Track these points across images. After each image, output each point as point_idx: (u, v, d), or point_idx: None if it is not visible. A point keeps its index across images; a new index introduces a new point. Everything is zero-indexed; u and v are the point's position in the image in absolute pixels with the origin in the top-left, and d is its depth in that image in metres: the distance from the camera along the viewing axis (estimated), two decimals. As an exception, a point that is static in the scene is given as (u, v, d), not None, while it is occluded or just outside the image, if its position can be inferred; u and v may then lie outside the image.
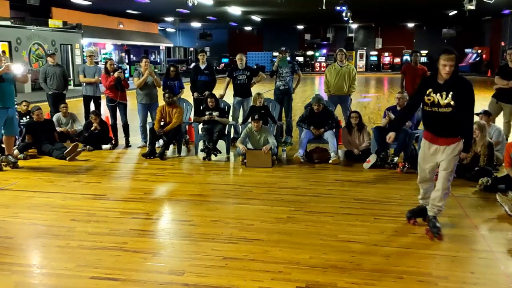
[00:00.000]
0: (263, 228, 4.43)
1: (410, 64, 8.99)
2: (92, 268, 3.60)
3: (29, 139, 7.60)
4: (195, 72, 8.59)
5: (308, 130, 7.24)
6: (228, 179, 6.47)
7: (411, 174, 6.39)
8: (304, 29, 38.91)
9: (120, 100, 8.21)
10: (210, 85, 8.55)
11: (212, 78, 8.60)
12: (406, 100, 7.21)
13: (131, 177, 6.63)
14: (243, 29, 39.47)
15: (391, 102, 13.85)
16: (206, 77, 8.49)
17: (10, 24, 19.22)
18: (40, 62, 20.14)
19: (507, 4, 22.17)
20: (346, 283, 3.35)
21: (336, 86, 8.25)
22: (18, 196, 5.54)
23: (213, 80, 8.61)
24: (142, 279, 3.43)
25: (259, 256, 3.82)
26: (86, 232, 4.37)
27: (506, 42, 28.65)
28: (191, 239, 4.19)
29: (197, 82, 8.47)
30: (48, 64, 9.02)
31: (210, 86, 8.55)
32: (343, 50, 8.45)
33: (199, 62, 8.61)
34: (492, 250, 3.93)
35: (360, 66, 37.35)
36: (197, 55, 8.89)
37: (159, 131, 7.52)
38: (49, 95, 9.00)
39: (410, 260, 3.73)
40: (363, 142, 7.22)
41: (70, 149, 7.34)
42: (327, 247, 3.99)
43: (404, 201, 5.25)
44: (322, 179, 6.29)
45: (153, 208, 5.13)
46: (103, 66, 8.53)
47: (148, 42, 31.85)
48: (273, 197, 5.43)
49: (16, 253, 3.96)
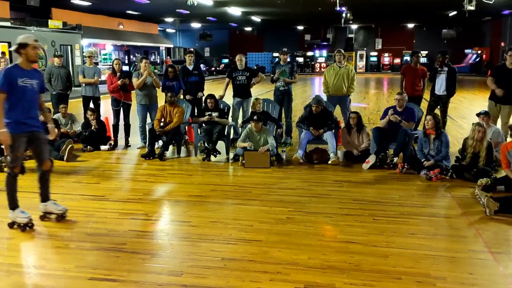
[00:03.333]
0: (262, 229, 4.43)
1: (410, 65, 8.98)
2: (90, 269, 3.60)
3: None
4: (184, 74, 8.56)
5: (307, 130, 7.24)
6: (228, 180, 6.47)
7: (411, 175, 6.40)
8: (304, 30, 38.92)
9: (125, 100, 8.25)
10: (200, 85, 8.64)
11: (202, 77, 8.76)
12: (406, 101, 7.22)
13: (130, 178, 6.63)
14: (243, 29, 39.49)
15: (390, 102, 13.84)
16: (196, 78, 8.54)
17: (10, 24, 19.22)
18: (40, 63, 20.14)
19: (507, 5, 22.18)
20: (344, 284, 3.35)
21: (335, 87, 8.26)
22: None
23: (202, 79, 8.78)
24: (141, 280, 3.43)
25: (257, 257, 3.82)
26: (85, 233, 4.37)
27: (506, 43, 28.67)
28: (190, 240, 4.20)
29: (188, 83, 8.48)
30: (54, 65, 9.08)
31: (201, 86, 8.65)
32: (341, 51, 8.46)
33: (186, 64, 8.62)
34: (491, 251, 3.93)
35: (360, 66, 37.35)
36: (185, 55, 8.90)
37: (158, 131, 7.53)
38: (53, 95, 9.09)
39: (409, 261, 3.73)
40: (362, 142, 7.22)
41: (64, 148, 7.37)
42: (326, 248, 3.99)
43: (403, 202, 5.25)
44: (321, 179, 6.29)
45: (152, 209, 5.13)
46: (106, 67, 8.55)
47: (148, 42, 31.86)
48: (272, 198, 5.43)
49: (15, 253, 3.97)
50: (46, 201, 4.71)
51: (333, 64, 8.45)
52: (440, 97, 8.23)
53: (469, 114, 11.84)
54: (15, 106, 4.29)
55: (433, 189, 5.84)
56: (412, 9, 25.66)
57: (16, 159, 4.35)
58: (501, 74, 7.44)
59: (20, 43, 4.35)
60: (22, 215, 4.44)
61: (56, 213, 4.70)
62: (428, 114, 7.00)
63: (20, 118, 4.32)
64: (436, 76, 8.23)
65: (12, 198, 4.44)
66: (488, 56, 31.86)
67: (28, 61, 4.39)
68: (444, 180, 6.12)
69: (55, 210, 4.70)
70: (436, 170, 6.14)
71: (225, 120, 7.85)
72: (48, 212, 4.71)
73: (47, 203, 4.71)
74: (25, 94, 4.34)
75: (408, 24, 36.50)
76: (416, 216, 4.79)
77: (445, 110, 8.31)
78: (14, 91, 4.26)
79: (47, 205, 4.70)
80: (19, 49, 4.35)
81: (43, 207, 4.71)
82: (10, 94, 4.25)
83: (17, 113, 4.30)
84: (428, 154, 6.44)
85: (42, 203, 4.71)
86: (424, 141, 6.53)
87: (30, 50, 4.35)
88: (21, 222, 4.42)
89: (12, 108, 4.28)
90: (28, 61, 4.39)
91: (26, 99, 4.37)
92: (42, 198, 4.70)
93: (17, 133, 4.29)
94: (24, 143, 4.39)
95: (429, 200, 5.40)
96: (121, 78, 8.08)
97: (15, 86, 4.27)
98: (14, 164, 4.35)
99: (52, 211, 4.70)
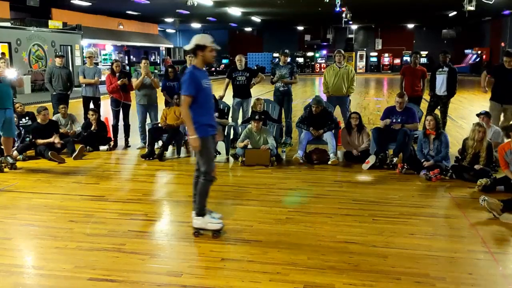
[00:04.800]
0: (261, 229, 4.43)
1: (410, 65, 8.99)
2: (90, 270, 3.60)
3: (38, 144, 7.53)
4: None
5: (307, 131, 7.24)
6: (227, 180, 6.47)
7: (410, 175, 6.40)
8: (304, 30, 38.93)
9: (125, 101, 8.25)
10: None
11: None
12: (406, 102, 7.23)
13: (129, 178, 6.63)
14: (243, 30, 39.52)
15: (390, 103, 13.84)
16: None
17: (10, 25, 19.24)
18: (40, 63, 20.15)
19: (506, 5, 22.18)
20: (344, 284, 3.35)
21: (335, 87, 8.26)
22: (16, 197, 5.54)
23: None
24: (140, 280, 3.43)
25: (257, 257, 3.81)
26: (84, 233, 4.37)
27: (506, 43, 28.67)
28: (190, 241, 4.19)
29: None
30: (55, 65, 9.08)
31: None
32: (341, 51, 8.46)
33: (186, 64, 8.62)
34: (490, 251, 3.92)
35: (360, 67, 37.34)
36: (185, 56, 8.88)
37: (165, 124, 7.61)
38: (53, 95, 9.09)
39: (408, 261, 3.73)
40: (362, 143, 7.22)
41: (77, 153, 7.41)
42: (325, 248, 3.99)
43: (403, 202, 5.25)
44: (321, 180, 6.29)
45: (151, 209, 5.13)
46: (106, 67, 8.57)
47: (148, 43, 31.88)
48: (272, 198, 5.43)
49: (15, 254, 3.97)
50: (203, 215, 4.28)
51: (333, 65, 8.46)
52: (440, 97, 8.23)
53: (469, 114, 11.84)
54: (203, 109, 4.11)
55: (432, 189, 5.84)
56: (412, 9, 25.67)
57: (211, 163, 4.17)
58: (500, 74, 7.45)
59: (199, 45, 4.09)
60: (214, 220, 4.21)
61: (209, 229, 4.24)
62: (428, 114, 7.00)
63: (208, 121, 4.15)
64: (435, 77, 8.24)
65: (203, 205, 4.20)
66: (488, 56, 31.84)
67: (205, 62, 4.17)
68: (443, 181, 6.12)
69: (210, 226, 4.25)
70: (436, 171, 6.13)
71: (225, 121, 7.85)
72: (202, 229, 4.27)
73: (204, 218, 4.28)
74: (208, 95, 4.19)
75: (408, 24, 36.52)
76: (415, 216, 4.79)
77: (445, 111, 8.31)
78: (200, 93, 4.08)
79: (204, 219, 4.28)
80: (197, 50, 4.10)
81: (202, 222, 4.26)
82: (197, 97, 4.06)
83: (205, 116, 4.11)
84: (428, 154, 6.44)
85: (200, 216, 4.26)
86: (423, 141, 6.53)
87: (208, 53, 4.11)
88: (214, 228, 4.19)
89: (200, 111, 4.09)
90: (204, 63, 4.17)
91: (209, 100, 4.22)
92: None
93: (207, 136, 4.14)
94: (213, 145, 4.25)
95: (429, 200, 5.40)
96: (120, 78, 8.08)
97: (201, 89, 4.08)
98: (211, 169, 4.16)
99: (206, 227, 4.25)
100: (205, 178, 4.17)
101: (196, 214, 4.23)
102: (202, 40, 4.10)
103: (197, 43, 4.09)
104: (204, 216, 4.23)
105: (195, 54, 4.14)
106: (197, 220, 4.23)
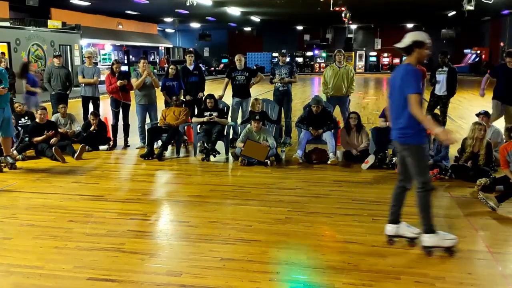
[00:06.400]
0: (261, 229, 4.43)
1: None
2: (89, 269, 3.60)
3: (35, 142, 7.52)
4: (184, 74, 8.56)
5: (307, 131, 7.24)
6: (227, 180, 6.47)
7: (410, 175, 6.39)
8: (303, 30, 38.91)
9: (124, 101, 8.25)
10: (201, 85, 8.65)
11: (202, 78, 8.74)
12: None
13: (129, 178, 6.63)
14: (242, 29, 39.47)
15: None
16: (196, 78, 8.55)
17: (9, 25, 19.21)
18: (39, 63, 20.13)
19: (506, 5, 22.18)
20: (343, 284, 3.35)
21: (334, 87, 8.25)
22: (16, 197, 5.53)
23: (202, 80, 8.77)
24: (140, 280, 3.43)
25: (257, 257, 3.81)
26: (84, 233, 4.37)
27: (505, 43, 28.68)
28: (189, 240, 4.19)
29: (188, 83, 8.49)
30: (53, 65, 9.07)
31: (201, 86, 8.65)
32: (342, 51, 8.45)
33: (186, 64, 8.62)
34: (490, 251, 3.93)
35: (359, 66, 37.32)
36: (185, 56, 8.90)
37: (164, 124, 7.63)
38: (52, 95, 9.07)
39: (408, 261, 3.73)
40: (361, 142, 7.22)
41: (79, 153, 7.41)
42: (325, 248, 3.99)
43: (402, 202, 5.24)
44: (320, 179, 6.28)
45: (151, 209, 5.12)
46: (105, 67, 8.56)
47: (147, 42, 31.85)
48: (271, 198, 5.43)
49: (14, 254, 3.96)
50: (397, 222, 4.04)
51: (332, 64, 8.45)
52: (440, 97, 8.23)
53: (469, 114, 11.84)
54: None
55: (432, 189, 5.83)
56: (411, 9, 25.66)
57: (428, 172, 3.89)
58: (502, 74, 7.45)
59: (418, 41, 3.79)
60: (448, 236, 3.84)
61: (408, 237, 4.01)
62: (428, 114, 7.00)
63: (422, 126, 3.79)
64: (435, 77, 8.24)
65: (431, 220, 3.81)
66: (487, 56, 31.85)
67: (418, 61, 3.89)
68: (443, 180, 6.12)
69: (408, 233, 4.01)
70: (435, 170, 6.13)
71: (225, 120, 7.85)
72: (397, 236, 4.04)
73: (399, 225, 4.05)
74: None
75: (407, 24, 36.46)
76: (415, 216, 4.75)
77: (445, 111, 8.32)
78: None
79: (399, 228, 4.05)
80: (415, 47, 3.80)
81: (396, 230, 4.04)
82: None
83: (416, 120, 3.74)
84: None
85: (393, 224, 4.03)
86: (423, 141, 6.52)
87: (425, 50, 3.82)
88: (452, 244, 3.79)
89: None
90: (418, 61, 3.88)
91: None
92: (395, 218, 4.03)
93: (424, 144, 3.87)
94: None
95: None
96: (119, 78, 8.07)
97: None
98: (429, 178, 3.87)
99: (405, 234, 4.02)
100: (424, 188, 3.78)
101: (425, 232, 3.83)
102: (421, 37, 3.82)
103: (415, 39, 3.81)
104: (436, 232, 3.82)
105: (411, 52, 3.84)
106: (429, 238, 3.80)
